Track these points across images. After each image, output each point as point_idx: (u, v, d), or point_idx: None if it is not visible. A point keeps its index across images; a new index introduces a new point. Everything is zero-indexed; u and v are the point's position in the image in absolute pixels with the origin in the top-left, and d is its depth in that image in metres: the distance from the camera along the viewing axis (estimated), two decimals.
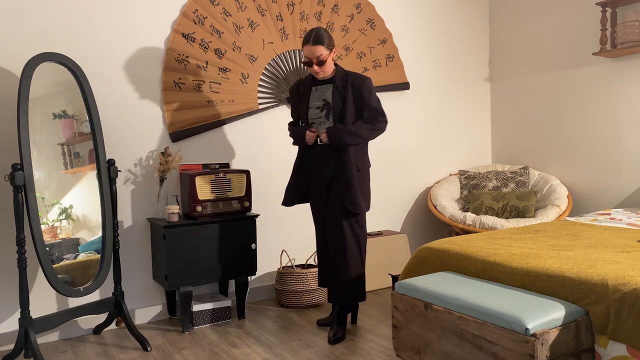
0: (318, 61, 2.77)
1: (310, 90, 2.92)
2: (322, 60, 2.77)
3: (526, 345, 1.76)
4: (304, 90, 2.95)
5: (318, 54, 2.75)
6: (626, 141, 3.76)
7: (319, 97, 2.88)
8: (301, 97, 2.96)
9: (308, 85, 2.94)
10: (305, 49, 2.77)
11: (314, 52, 2.75)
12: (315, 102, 2.89)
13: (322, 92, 2.88)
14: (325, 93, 2.87)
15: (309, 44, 2.76)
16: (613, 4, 3.66)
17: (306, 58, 2.79)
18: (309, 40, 2.76)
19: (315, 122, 2.89)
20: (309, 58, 2.78)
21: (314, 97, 2.90)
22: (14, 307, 2.93)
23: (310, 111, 2.90)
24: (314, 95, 2.90)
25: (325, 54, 2.77)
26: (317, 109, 2.88)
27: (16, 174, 2.45)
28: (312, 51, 2.75)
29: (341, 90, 2.82)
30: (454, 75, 4.54)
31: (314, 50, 2.75)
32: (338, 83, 2.84)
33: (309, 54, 2.77)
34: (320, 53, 2.75)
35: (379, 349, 2.75)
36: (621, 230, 2.78)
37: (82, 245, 2.84)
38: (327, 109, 2.85)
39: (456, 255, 2.43)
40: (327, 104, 2.85)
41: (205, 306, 3.19)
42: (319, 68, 2.80)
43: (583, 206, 4.04)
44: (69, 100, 2.85)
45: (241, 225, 3.24)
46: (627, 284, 1.82)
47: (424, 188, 4.41)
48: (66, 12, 3.01)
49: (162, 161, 3.18)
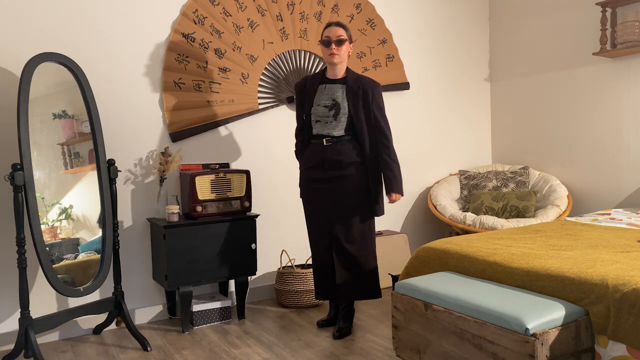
0: (337, 40, 2.81)
1: (318, 87, 2.91)
2: (342, 40, 2.82)
3: (526, 345, 1.76)
4: (311, 87, 2.93)
5: (339, 32, 2.81)
6: (626, 141, 3.76)
7: (328, 96, 2.87)
8: (307, 93, 2.93)
9: (316, 82, 2.92)
10: (327, 30, 2.84)
11: (336, 32, 2.82)
12: (323, 100, 2.87)
13: (332, 92, 2.87)
14: (335, 93, 2.86)
15: (332, 26, 2.84)
16: (613, 4, 3.66)
17: (326, 37, 2.83)
18: (332, 24, 2.85)
19: (321, 121, 2.87)
20: (329, 37, 2.82)
21: (322, 95, 2.89)
22: (14, 307, 2.93)
23: (317, 109, 2.88)
24: (322, 93, 2.89)
25: (345, 36, 2.83)
26: (325, 107, 2.86)
27: (16, 174, 2.45)
28: (334, 31, 2.82)
29: (355, 92, 2.83)
30: (454, 75, 4.54)
31: (336, 30, 2.82)
32: (350, 84, 2.85)
33: (329, 33, 2.83)
34: (340, 33, 2.82)
35: (379, 349, 2.75)
36: (621, 230, 2.78)
37: (82, 245, 2.84)
38: (336, 109, 2.84)
39: (456, 255, 2.43)
40: (336, 104, 2.84)
41: (205, 306, 3.19)
42: (337, 48, 2.82)
43: (583, 206, 4.04)
44: (69, 100, 2.85)
45: (241, 225, 3.24)
46: (627, 284, 1.82)
47: (424, 188, 4.41)
48: (66, 12, 3.01)
49: (162, 161, 3.18)
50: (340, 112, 2.84)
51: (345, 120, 2.84)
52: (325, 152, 2.88)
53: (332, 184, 2.89)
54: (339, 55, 2.84)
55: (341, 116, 2.84)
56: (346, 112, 2.83)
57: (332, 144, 2.87)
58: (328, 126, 2.86)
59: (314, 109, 2.89)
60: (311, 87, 2.92)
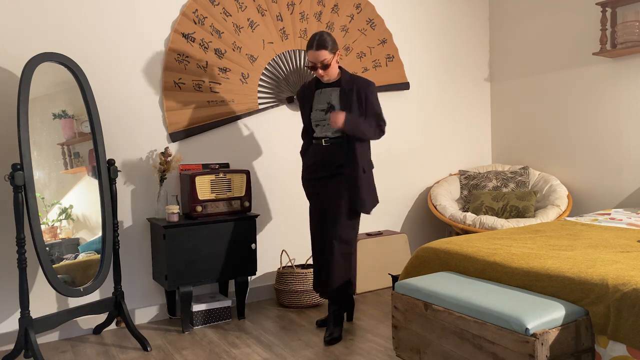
0: (322, 65, 2.82)
1: (314, 93, 2.97)
2: (326, 64, 2.82)
3: (526, 345, 1.76)
4: (308, 93, 3.00)
5: (322, 58, 2.79)
6: (626, 141, 3.75)
7: (323, 100, 2.93)
8: (306, 100, 3.01)
9: (312, 88, 2.99)
10: (309, 54, 2.81)
11: (318, 57, 2.79)
12: (319, 104, 2.94)
13: (327, 95, 2.92)
14: (330, 96, 2.91)
15: (312, 49, 2.79)
16: (613, 4, 3.66)
17: (310, 62, 2.84)
18: (312, 46, 2.79)
19: (319, 125, 2.95)
20: (314, 63, 2.82)
21: (318, 99, 2.95)
22: (14, 307, 2.93)
23: (315, 113, 2.95)
24: (319, 98, 2.95)
25: (329, 58, 2.81)
26: (322, 111, 2.93)
27: (16, 174, 2.45)
28: (316, 56, 2.79)
29: (347, 93, 2.85)
30: (454, 75, 4.54)
31: (318, 55, 2.78)
32: (344, 86, 2.87)
33: (313, 58, 2.81)
34: (323, 57, 2.79)
35: (379, 349, 2.75)
36: (621, 230, 2.78)
37: (82, 245, 2.84)
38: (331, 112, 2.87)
39: (456, 255, 2.43)
40: (331, 106, 2.90)
41: (206, 306, 3.19)
42: (324, 72, 2.84)
43: (583, 206, 4.04)
44: (69, 100, 2.85)
45: (241, 225, 3.24)
46: (627, 284, 1.82)
47: (424, 188, 4.41)
48: (66, 12, 3.01)
49: (162, 161, 3.18)
50: None
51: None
52: (323, 152, 2.94)
53: (326, 182, 2.95)
54: (328, 75, 2.88)
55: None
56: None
57: (329, 145, 2.92)
58: (325, 128, 2.93)
59: (313, 114, 2.96)
60: (309, 94, 2.99)
